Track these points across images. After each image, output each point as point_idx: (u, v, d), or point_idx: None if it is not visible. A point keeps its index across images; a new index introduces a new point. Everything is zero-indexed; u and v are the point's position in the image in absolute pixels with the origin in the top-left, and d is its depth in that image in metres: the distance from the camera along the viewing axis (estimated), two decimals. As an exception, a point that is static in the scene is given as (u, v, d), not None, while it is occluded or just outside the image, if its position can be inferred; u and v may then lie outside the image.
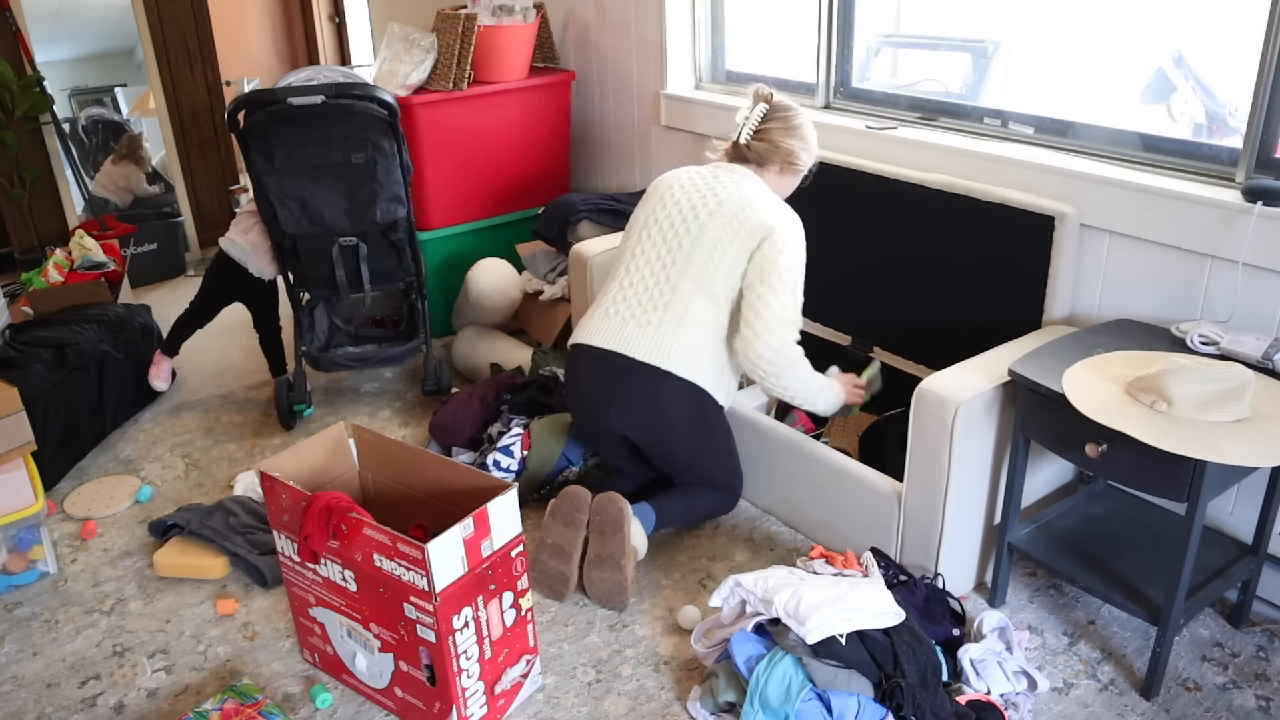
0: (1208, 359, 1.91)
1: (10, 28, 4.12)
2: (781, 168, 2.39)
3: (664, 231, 2.33)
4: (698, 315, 2.27)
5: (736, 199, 2.29)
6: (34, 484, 2.36)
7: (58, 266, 3.54)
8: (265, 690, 2.03)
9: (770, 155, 2.37)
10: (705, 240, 2.27)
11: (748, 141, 2.36)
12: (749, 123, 2.37)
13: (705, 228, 2.28)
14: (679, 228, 2.31)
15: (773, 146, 2.36)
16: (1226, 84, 2.31)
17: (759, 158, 2.37)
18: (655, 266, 2.32)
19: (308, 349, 3.10)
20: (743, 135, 2.37)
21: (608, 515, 2.22)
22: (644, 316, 2.29)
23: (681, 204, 2.34)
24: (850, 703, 1.77)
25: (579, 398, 2.38)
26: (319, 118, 2.76)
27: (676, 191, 2.37)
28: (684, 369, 2.26)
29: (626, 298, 2.33)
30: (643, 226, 2.39)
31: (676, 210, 2.34)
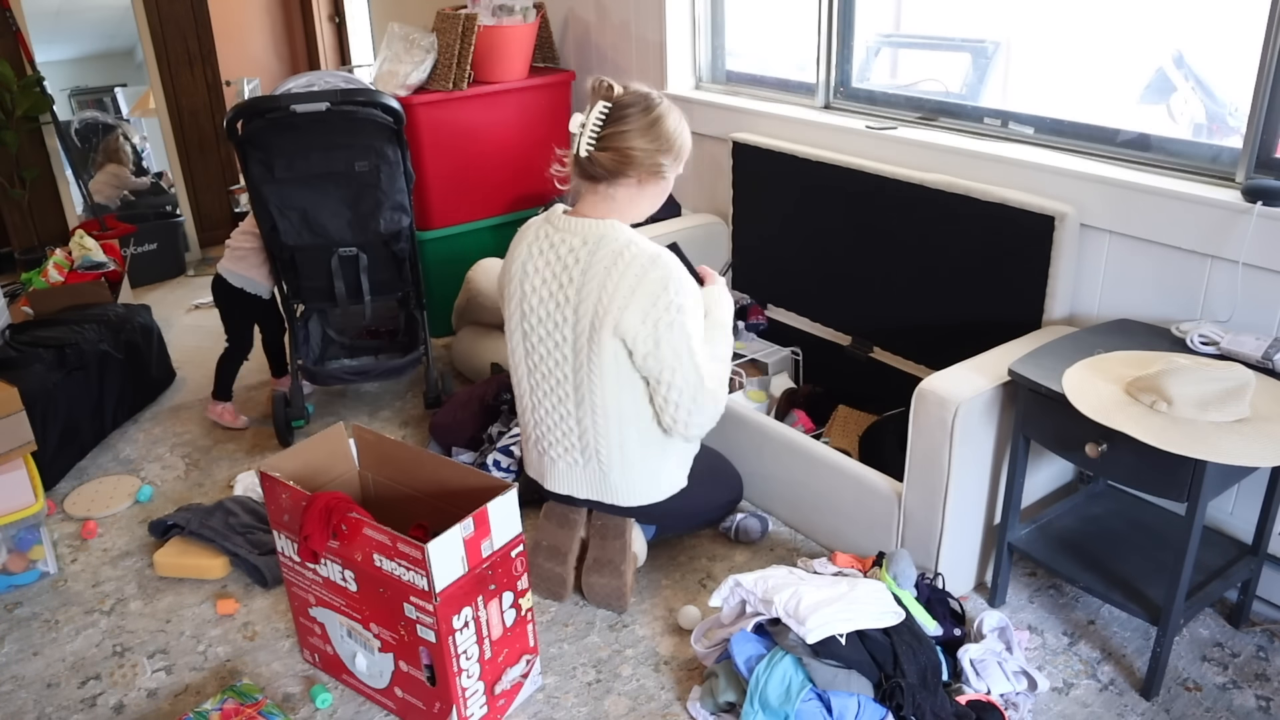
0: (1208, 359, 1.91)
1: (10, 28, 4.12)
2: (641, 179, 1.96)
3: (542, 342, 2.04)
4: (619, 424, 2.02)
5: (592, 282, 1.92)
6: (34, 484, 2.36)
7: (58, 266, 3.54)
8: (265, 690, 2.03)
9: (621, 166, 1.93)
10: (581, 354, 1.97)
11: (589, 154, 1.92)
12: (587, 130, 1.92)
13: (578, 326, 1.96)
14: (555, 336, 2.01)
15: (620, 156, 1.92)
16: (1226, 84, 2.31)
17: (607, 172, 1.93)
18: (553, 400, 2.07)
19: (303, 362, 3.02)
20: (582, 147, 1.93)
21: (609, 520, 2.21)
22: (579, 456, 2.10)
23: (545, 302, 2.00)
24: (850, 703, 1.77)
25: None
26: (321, 125, 2.70)
27: (529, 286, 2.02)
28: (649, 495, 2.12)
29: (549, 429, 2.12)
30: (520, 340, 2.09)
31: (544, 312, 2.01)
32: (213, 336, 3.89)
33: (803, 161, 2.83)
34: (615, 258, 1.91)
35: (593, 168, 1.94)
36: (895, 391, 2.66)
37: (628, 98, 1.95)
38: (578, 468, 2.12)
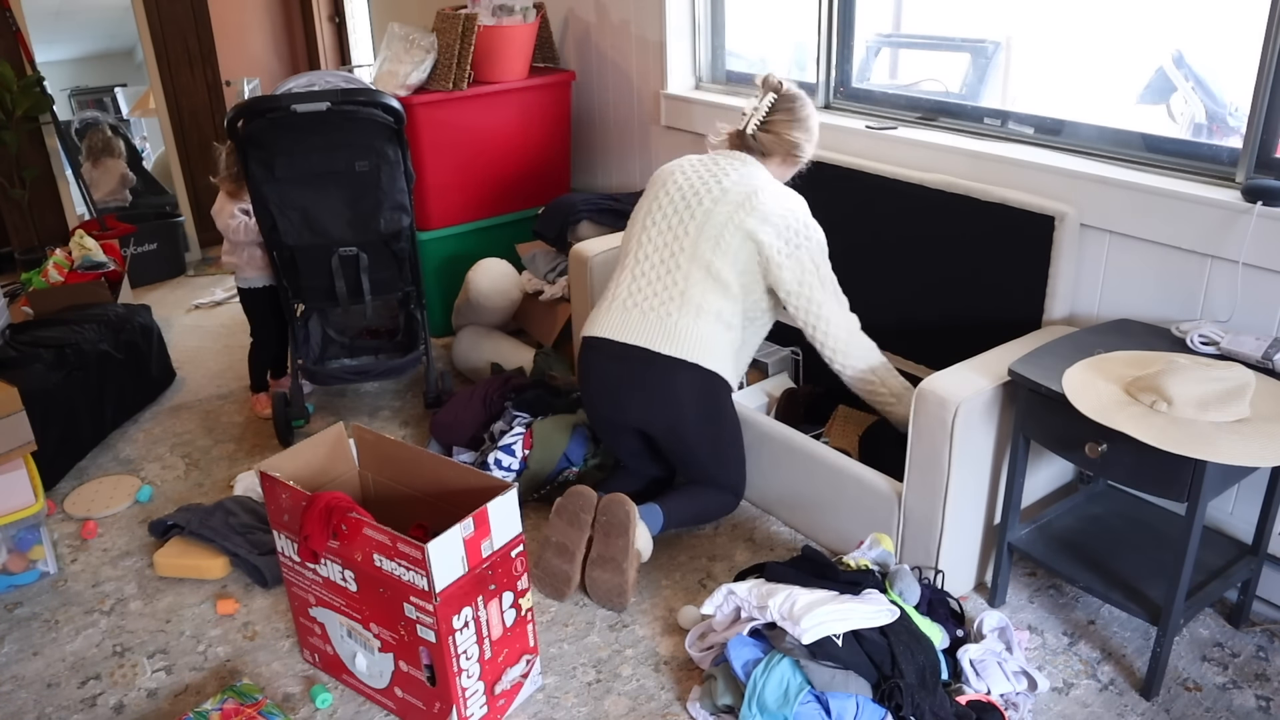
0: (1208, 359, 1.91)
1: (10, 28, 4.12)
2: (784, 159, 2.39)
3: (669, 219, 2.33)
4: (708, 303, 2.28)
5: (740, 187, 2.29)
6: (34, 484, 2.36)
7: (58, 266, 3.54)
8: (265, 690, 2.03)
9: (774, 147, 2.37)
10: (710, 228, 2.27)
11: (754, 132, 2.35)
12: (757, 113, 2.35)
13: (710, 215, 2.28)
14: (683, 215, 2.31)
15: (778, 139, 2.36)
16: (1226, 84, 2.31)
17: (763, 149, 2.37)
18: (664, 255, 2.32)
19: (304, 362, 3.02)
20: (750, 126, 2.36)
21: (614, 517, 2.21)
22: (657, 307, 2.29)
23: (685, 191, 2.33)
24: (849, 704, 1.77)
25: (595, 392, 2.38)
26: (322, 124, 2.70)
27: (679, 179, 2.36)
28: (700, 356, 2.26)
29: (639, 288, 2.33)
30: (647, 215, 2.38)
31: (680, 198, 2.33)
32: (213, 336, 3.90)
33: (803, 161, 2.83)
34: (767, 181, 2.33)
35: (754, 143, 2.37)
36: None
37: (789, 95, 2.36)
38: (663, 318, 2.28)
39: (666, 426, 2.31)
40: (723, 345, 2.31)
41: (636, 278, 2.35)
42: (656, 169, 2.42)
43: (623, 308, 2.34)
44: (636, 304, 2.32)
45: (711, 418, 2.32)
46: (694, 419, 2.29)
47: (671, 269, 2.30)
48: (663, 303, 2.29)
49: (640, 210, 2.42)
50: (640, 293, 2.33)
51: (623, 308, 2.34)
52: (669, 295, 2.29)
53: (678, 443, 2.34)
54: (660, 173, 2.44)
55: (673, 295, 2.29)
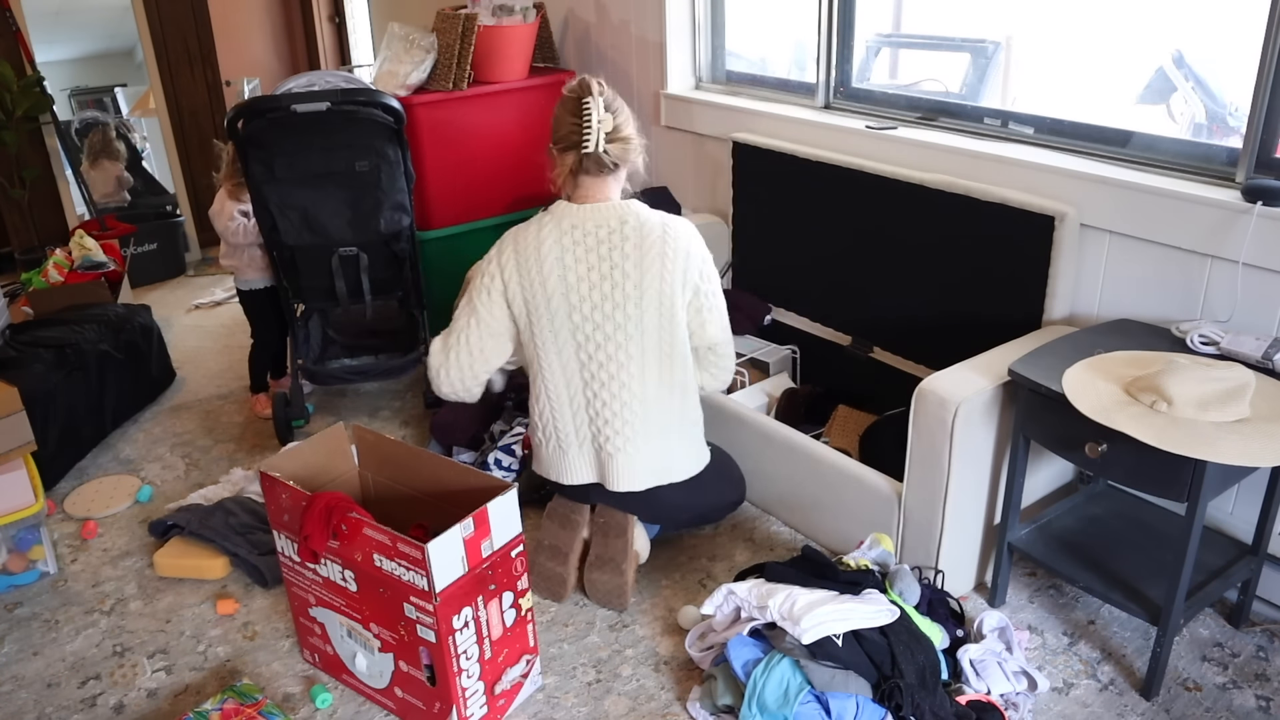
0: (1208, 359, 1.91)
1: (10, 28, 4.12)
2: (629, 162, 2.09)
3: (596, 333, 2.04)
4: (672, 406, 2.11)
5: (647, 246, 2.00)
6: (34, 484, 2.36)
7: (58, 266, 3.54)
8: (265, 690, 2.03)
9: (624, 155, 2.05)
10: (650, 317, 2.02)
11: (605, 148, 2.00)
12: (602, 125, 1.99)
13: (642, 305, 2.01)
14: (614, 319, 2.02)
15: (624, 144, 2.04)
16: (1226, 84, 2.31)
17: (616, 161, 2.03)
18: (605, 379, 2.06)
19: (304, 362, 3.02)
20: (599, 143, 1.99)
21: (612, 518, 2.21)
22: (624, 445, 2.10)
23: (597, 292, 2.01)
24: (849, 704, 1.77)
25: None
26: (322, 124, 2.70)
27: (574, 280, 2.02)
28: (683, 471, 2.18)
29: (592, 424, 2.11)
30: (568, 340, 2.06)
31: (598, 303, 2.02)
32: (213, 336, 3.90)
33: (803, 161, 2.83)
34: (663, 230, 2.04)
35: (607, 159, 2.02)
36: (895, 391, 2.66)
37: (610, 93, 2.05)
38: (640, 455, 2.10)
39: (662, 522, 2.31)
40: (694, 439, 2.20)
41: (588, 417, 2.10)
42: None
43: (583, 453, 2.14)
44: (596, 445, 2.12)
45: (700, 490, 2.25)
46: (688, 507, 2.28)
47: (619, 391, 2.06)
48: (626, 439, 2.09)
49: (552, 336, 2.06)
50: (595, 430, 2.10)
51: (583, 453, 2.14)
52: (631, 429, 2.08)
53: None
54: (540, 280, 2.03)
55: (635, 427, 2.08)
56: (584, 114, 1.99)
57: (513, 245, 2.08)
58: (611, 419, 2.09)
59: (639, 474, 2.15)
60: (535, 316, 2.07)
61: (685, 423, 2.17)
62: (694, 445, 2.22)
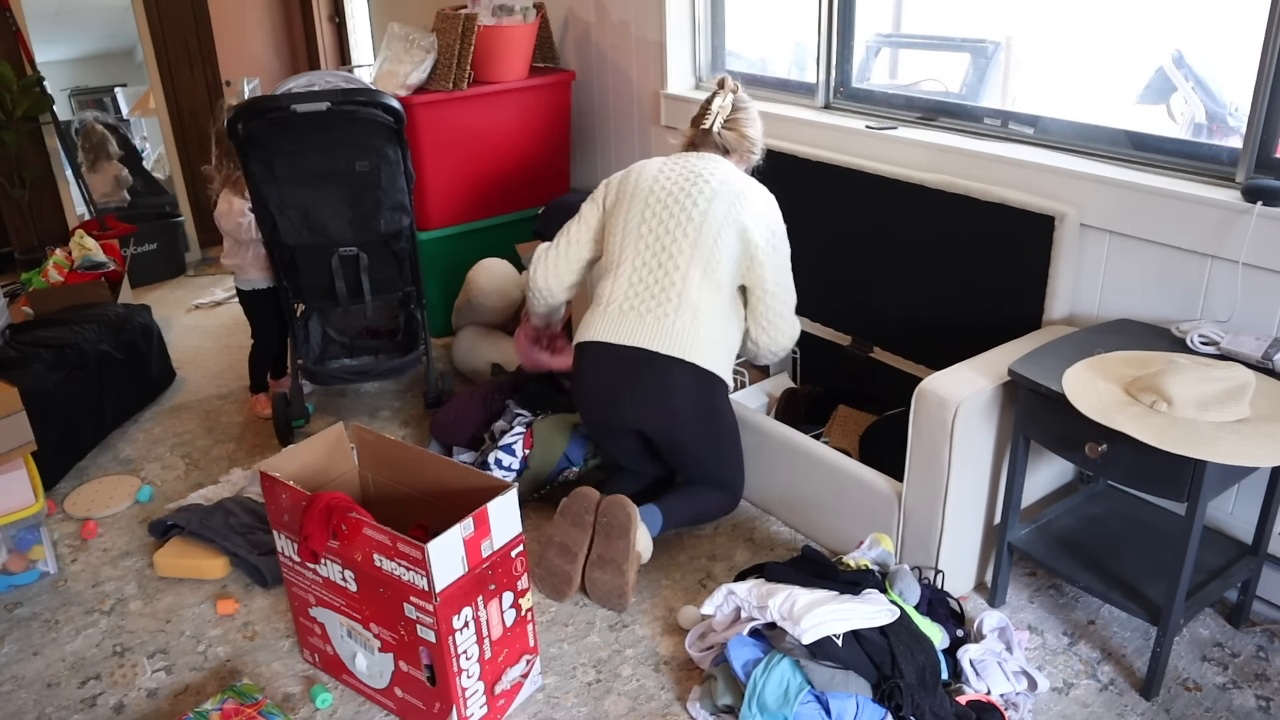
0: (1208, 359, 1.91)
1: (10, 28, 4.12)
2: (741, 156, 2.46)
3: (663, 222, 2.33)
4: (705, 303, 2.29)
5: (728, 187, 2.32)
6: (34, 484, 2.36)
7: (58, 266, 3.54)
8: (265, 690, 2.03)
9: (736, 144, 2.44)
10: (709, 228, 2.28)
11: (719, 130, 2.42)
12: (722, 111, 2.42)
13: (707, 215, 2.29)
14: (679, 216, 2.31)
15: (740, 136, 2.44)
16: (1226, 84, 2.31)
17: (726, 145, 2.43)
18: (660, 257, 2.31)
19: (304, 362, 3.02)
20: (715, 124, 2.42)
21: (614, 518, 2.22)
22: (654, 309, 2.28)
23: (675, 193, 2.34)
24: (849, 704, 1.77)
25: (591, 395, 2.36)
26: (321, 124, 2.70)
27: (664, 181, 2.37)
28: (697, 356, 2.27)
29: (635, 292, 2.32)
30: (638, 218, 2.36)
31: (672, 200, 2.34)
32: (213, 336, 3.90)
33: (803, 161, 2.83)
34: (748, 182, 2.38)
35: (718, 140, 2.43)
36: (895, 391, 2.65)
37: (743, 97, 2.48)
38: (663, 319, 2.28)
39: (663, 427, 2.30)
40: (719, 345, 2.31)
41: (633, 283, 2.33)
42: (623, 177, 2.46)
43: (619, 311, 2.32)
44: (634, 307, 2.31)
45: (709, 418, 2.32)
46: (691, 419, 2.29)
47: (669, 270, 2.30)
48: (660, 304, 2.28)
49: (627, 214, 2.39)
50: (637, 296, 2.32)
51: (619, 311, 2.32)
52: (666, 297, 2.29)
53: (675, 443, 2.33)
54: (637, 176, 2.43)
55: (670, 296, 2.28)
56: (713, 99, 2.45)
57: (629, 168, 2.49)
58: (649, 287, 2.32)
59: (643, 335, 2.29)
60: (620, 204, 2.42)
61: (699, 316, 2.29)
62: (713, 350, 2.30)
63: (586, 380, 2.36)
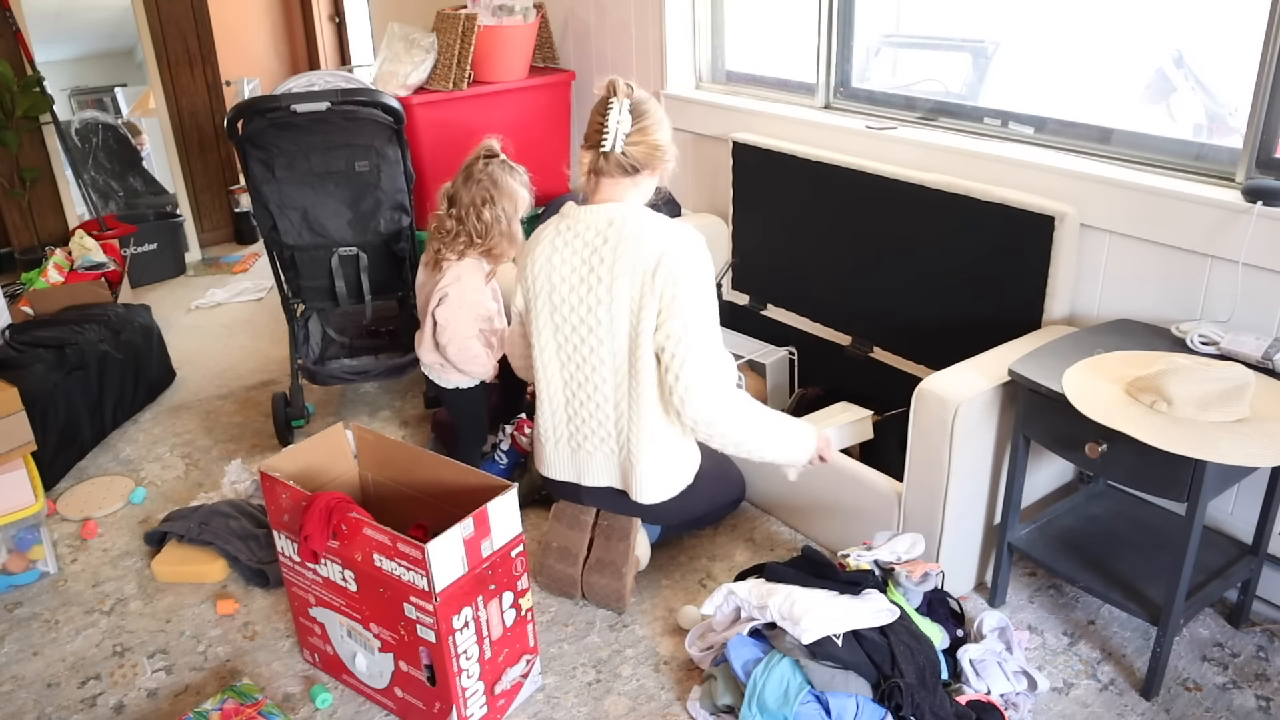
0: (1208, 359, 1.91)
1: (10, 28, 4.11)
2: (655, 169, 2.06)
3: (575, 345, 2.05)
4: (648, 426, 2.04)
5: (626, 262, 1.95)
6: (34, 484, 2.36)
7: (58, 266, 3.54)
8: (265, 690, 2.03)
9: (647, 159, 2.02)
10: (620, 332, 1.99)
11: (623, 149, 1.99)
12: (621, 125, 1.98)
13: (614, 316, 1.98)
14: (584, 334, 2.02)
15: (650, 149, 2.02)
16: (1226, 84, 2.31)
17: (636, 164, 2.01)
18: (587, 389, 2.07)
19: (304, 362, 3.02)
20: (616, 143, 1.98)
21: (616, 522, 2.21)
22: (600, 444, 2.11)
23: (573, 302, 2.01)
24: (849, 703, 1.77)
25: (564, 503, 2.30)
26: (321, 125, 2.70)
27: (559, 284, 2.03)
28: (658, 491, 2.11)
29: (573, 426, 2.13)
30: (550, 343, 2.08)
31: (572, 312, 2.02)
32: (213, 336, 3.90)
33: (803, 161, 2.83)
34: (646, 234, 1.97)
35: (626, 161, 2.00)
36: (895, 391, 2.65)
37: (641, 98, 2.03)
38: (613, 458, 2.12)
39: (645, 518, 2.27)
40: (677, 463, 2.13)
41: (569, 415, 2.12)
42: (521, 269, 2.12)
43: (568, 450, 2.16)
44: (579, 445, 2.13)
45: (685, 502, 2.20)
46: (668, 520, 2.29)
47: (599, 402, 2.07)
48: (603, 440, 2.10)
49: (538, 334, 2.09)
50: (577, 432, 2.12)
51: (568, 450, 2.16)
52: (605, 433, 2.09)
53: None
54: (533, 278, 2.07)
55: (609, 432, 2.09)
56: (606, 114, 1.99)
57: (526, 244, 2.15)
58: (587, 419, 2.11)
59: (613, 476, 2.15)
60: (530, 314, 2.12)
61: (655, 442, 2.06)
62: (661, 470, 2.10)
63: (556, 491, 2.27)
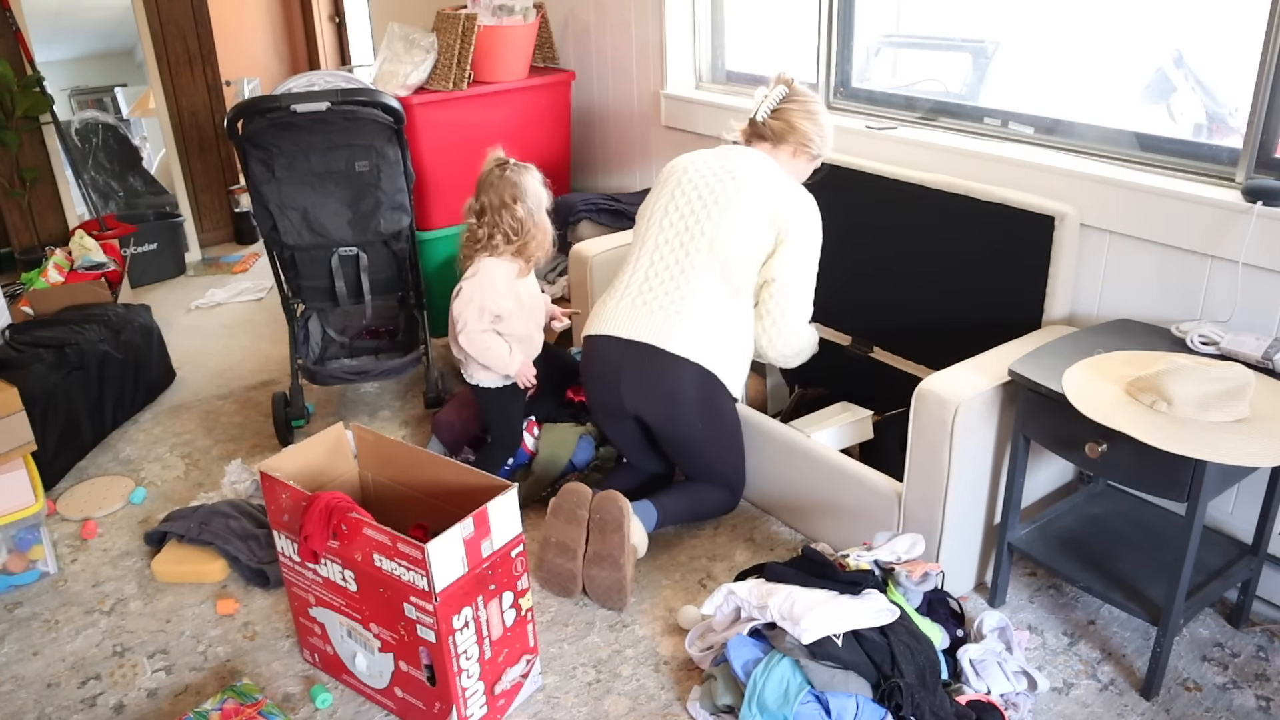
0: (1208, 359, 1.91)
1: (10, 28, 4.12)
2: (795, 150, 2.40)
3: (684, 215, 2.32)
4: (716, 301, 2.28)
5: (756, 182, 2.29)
6: (34, 484, 2.36)
7: (58, 266, 3.54)
8: (265, 690, 2.03)
9: (785, 134, 2.38)
10: (726, 224, 2.27)
11: (764, 119, 2.38)
12: (767, 101, 2.38)
13: (726, 211, 2.27)
14: (699, 211, 2.30)
15: (788, 126, 2.38)
16: (1226, 84, 2.31)
17: (774, 135, 2.38)
18: (677, 251, 2.31)
19: (303, 362, 3.02)
20: (760, 112, 2.38)
21: (607, 514, 2.22)
22: (666, 305, 2.28)
23: (700, 187, 2.32)
24: (849, 703, 1.77)
25: (596, 379, 2.38)
26: (321, 124, 2.70)
27: (693, 174, 2.35)
28: (704, 357, 2.27)
29: (650, 285, 2.32)
30: (661, 209, 2.36)
31: (695, 193, 2.32)
32: (213, 336, 3.90)
33: (803, 161, 2.83)
34: (784, 178, 2.35)
35: (764, 129, 2.39)
36: (895, 391, 2.65)
37: (801, 91, 2.41)
38: (668, 314, 2.28)
39: (663, 417, 2.32)
40: (723, 345, 2.30)
41: (649, 276, 2.33)
42: (656, 174, 2.44)
43: (631, 305, 2.33)
44: (645, 301, 2.31)
45: (710, 415, 2.32)
46: (691, 413, 2.30)
47: (685, 268, 2.29)
48: (672, 300, 2.29)
49: (654, 204, 2.40)
50: (650, 290, 2.32)
51: (631, 305, 2.33)
52: (680, 293, 2.28)
53: (673, 435, 2.34)
54: (673, 167, 2.42)
55: (684, 293, 2.28)
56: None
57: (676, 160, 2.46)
58: (671, 287, 2.30)
59: (652, 331, 2.28)
60: (653, 190, 2.43)
61: (723, 329, 2.29)
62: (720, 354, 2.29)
63: (593, 366, 2.38)
